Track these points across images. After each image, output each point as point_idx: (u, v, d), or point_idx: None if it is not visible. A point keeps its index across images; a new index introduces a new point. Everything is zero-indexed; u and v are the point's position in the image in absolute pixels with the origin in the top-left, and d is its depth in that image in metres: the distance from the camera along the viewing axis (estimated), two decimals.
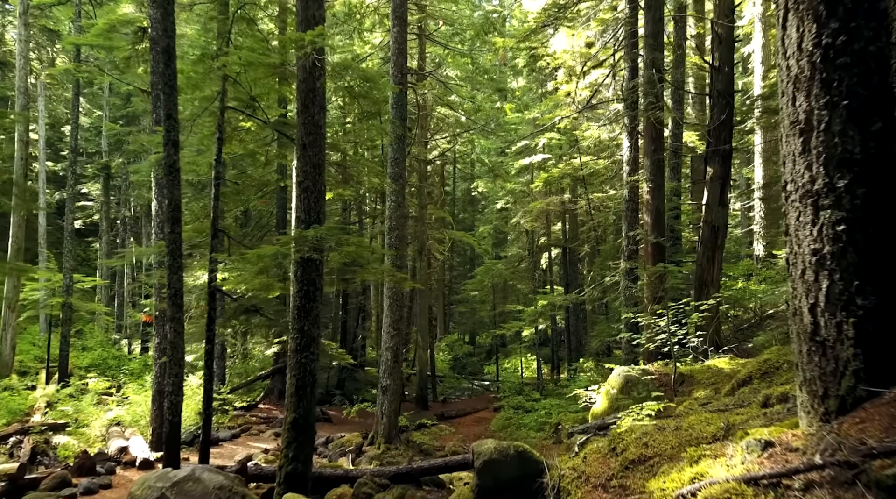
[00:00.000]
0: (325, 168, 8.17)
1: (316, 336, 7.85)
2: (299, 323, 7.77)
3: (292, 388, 7.68)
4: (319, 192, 8.01)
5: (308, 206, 7.91)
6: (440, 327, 35.53)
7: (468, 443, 16.62)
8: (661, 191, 13.54)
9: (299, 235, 7.39)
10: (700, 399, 7.35)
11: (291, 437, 7.54)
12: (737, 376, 6.88)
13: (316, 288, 7.85)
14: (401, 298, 14.95)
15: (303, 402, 7.63)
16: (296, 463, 7.43)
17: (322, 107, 8.12)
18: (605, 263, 21.14)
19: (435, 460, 9.19)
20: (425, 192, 21.06)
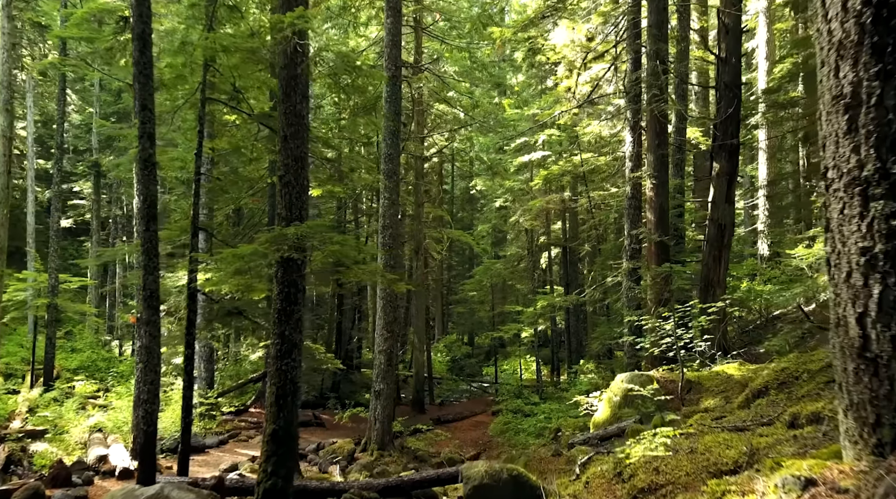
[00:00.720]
0: (309, 162, 7.64)
1: (298, 342, 7.32)
2: (280, 327, 7.24)
3: (272, 397, 7.15)
4: (302, 187, 7.47)
5: (290, 202, 7.37)
6: (438, 328, 35.00)
7: (465, 449, 16.09)
8: (666, 188, 13.01)
9: (278, 233, 6.86)
10: (711, 411, 6.81)
11: (271, 450, 7.01)
12: (751, 385, 6.35)
13: (298, 290, 7.32)
14: (395, 300, 14.42)
15: (283, 412, 7.10)
16: (275, 478, 6.89)
17: (305, 96, 7.59)
18: (606, 263, 20.61)
19: (427, 472, 8.67)
20: (422, 190, 20.52)
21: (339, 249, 7.09)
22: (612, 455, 4.99)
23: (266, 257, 6.86)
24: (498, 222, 29.09)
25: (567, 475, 5.56)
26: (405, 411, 20.13)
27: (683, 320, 9.16)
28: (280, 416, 7.10)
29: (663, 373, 9.09)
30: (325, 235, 7.09)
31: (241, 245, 7.46)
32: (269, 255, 6.78)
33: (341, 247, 7.19)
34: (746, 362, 9.57)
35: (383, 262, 14.31)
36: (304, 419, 18.05)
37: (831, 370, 5.84)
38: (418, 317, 20.62)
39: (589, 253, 23.80)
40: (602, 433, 8.24)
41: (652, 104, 12.41)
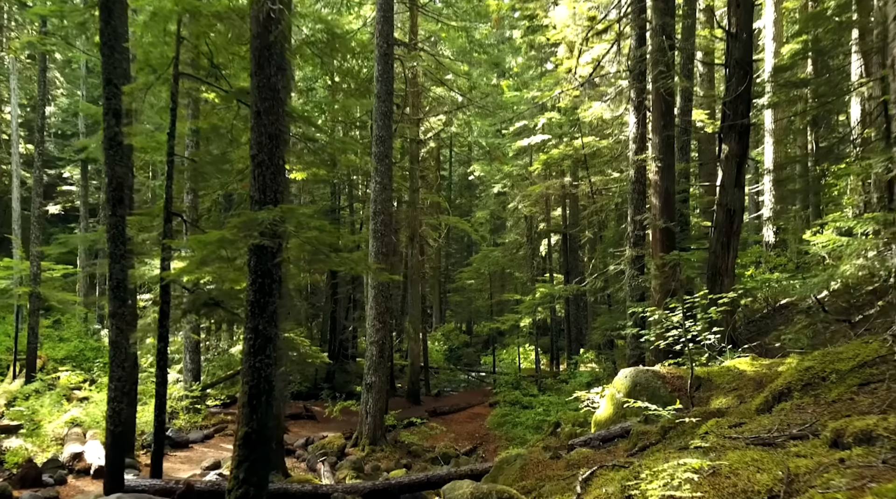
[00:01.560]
0: (290, 142, 6.98)
1: (273, 336, 6.70)
2: (253, 321, 6.62)
3: (245, 397, 6.54)
4: (277, 167, 6.83)
5: (263, 183, 6.73)
6: (436, 316, 34.43)
7: (461, 443, 15.54)
8: (671, 171, 12.34)
9: (248, 217, 6.22)
10: (725, 413, 6.20)
11: (243, 455, 6.41)
12: (771, 387, 5.73)
13: (273, 280, 6.69)
14: (387, 290, 13.81)
15: (257, 414, 6.50)
16: (247, 487, 6.30)
17: (280, 67, 6.92)
18: (607, 251, 19.97)
19: (416, 475, 8.10)
20: (417, 174, 19.85)
21: (316, 236, 6.46)
22: (619, 471, 4.38)
23: (234, 245, 6.23)
24: (496, 209, 28.41)
25: (566, 493, 4.95)
26: (400, 402, 19.59)
27: (691, 311, 8.54)
28: (253, 418, 6.50)
29: (670, 368, 8.48)
30: (302, 219, 6.44)
31: (209, 231, 6.83)
32: (237, 242, 6.14)
33: (319, 233, 6.56)
34: (759, 357, 8.96)
35: (375, 249, 13.69)
36: (295, 412, 17.54)
37: (864, 371, 5.22)
38: (414, 306, 20.01)
39: (590, 240, 23.15)
40: (605, 434, 7.65)
41: (658, 82, 11.71)
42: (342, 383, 22.17)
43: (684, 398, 7.90)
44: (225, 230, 6.29)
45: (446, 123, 23.46)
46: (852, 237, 8.25)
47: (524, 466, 7.08)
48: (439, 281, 33.31)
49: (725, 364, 8.44)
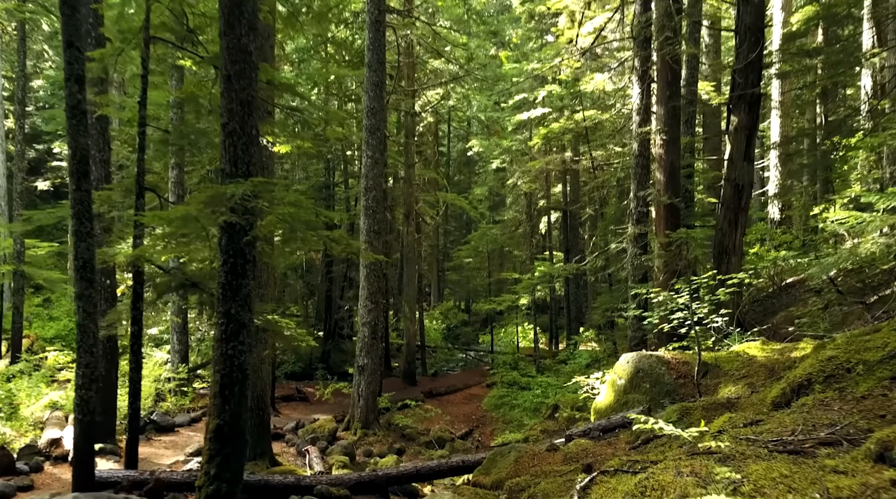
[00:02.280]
0: (270, 112, 6.39)
1: (247, 321, 6.19)
2: (225, 305, 6.10)
3: (216, 387, 6.05)
4: (249, 137, 6.25)
5: (234, 155, 6.15)
6: (434, 295, 33.99)
7: (457, 425, 15.15)
8: (677, 144, 11.74)
9: (215, 191, 5.66)
10: (737, 406, 5.71)
11: (214, 449, 5.93)
12: (789, 377, 5.21)
13: (246, 261, 6.16)
14: (379, 268, 13.29)
15: (230, 405, 6.01)
16: (219, 483, 5.83)
17: (252, 27, 6.30)
18: (608, 228, 19.43)
19: (404, 466, 7.65)
20: (413, 149, 19.20)
21: (293, 212, 5.90)
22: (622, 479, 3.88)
23: (199, 222, 5.68)
24: (495, 185, 27.78)
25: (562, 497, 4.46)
26: (396, 383, 19.19)
27: (695, 292, 8.01)
28: (225, 409, 6.00)
29: (675, 353, 7.98)
30: (277, 194, 5.88)
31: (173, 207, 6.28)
32: (203, 219, 5.59)
33: (296, 209, 6.00)
34: (769, 341, 8.46)
35: (367, 227, 13.15)
36: (287, 394, 17.14)
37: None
38: (410, 285, 19.52)
39: (591, 217, 22.60)
40: (605, 424, 7.17)
41: (664, 49, 11.06)
42: (338, 363, 21.79)
43: (690, 386, 7.42)
44: (189, 206, 5.74)
45: (444, 97, 22.74)
46: (874, 213, 7.69)
47: (518, 458, 6.61)
48: (437, 259, 32.81)
49: (734, 349, 7.94)
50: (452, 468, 7.41)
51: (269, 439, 10.61)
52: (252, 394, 10.42)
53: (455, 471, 7.47)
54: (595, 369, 14.98)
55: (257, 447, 10.33)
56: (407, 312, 19.43)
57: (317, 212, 5.89)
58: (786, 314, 12.30)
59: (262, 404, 10.43)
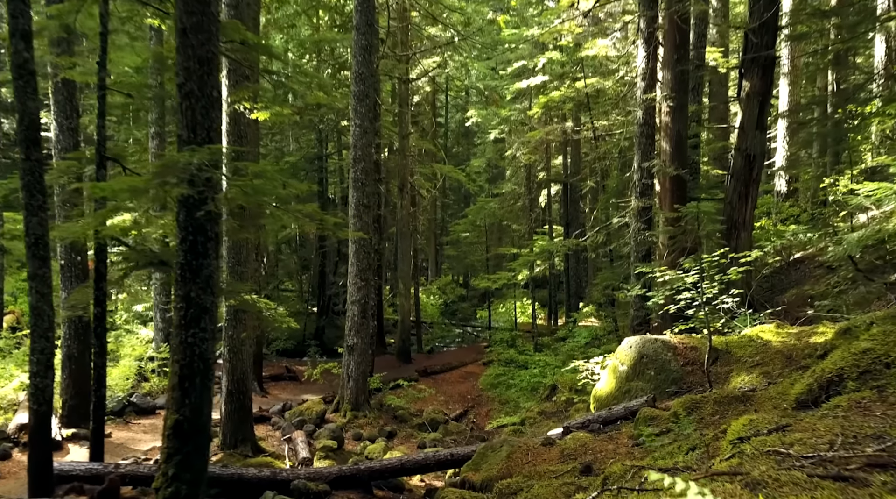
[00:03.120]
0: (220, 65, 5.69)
1: (209, 305, 5.56)
2: (184, 287, 5.47)
3: (175, 378, 5.45)
4: (209, 99, 5.55)
5: (192, 119, 5.46)
6: (432, 270, 33.42)
7: (451, 406, 14.65)
8: (685, 111, 11.01)
9: (167, 161, 5.00)
10: (753, 401, 5.11)
11: (173, 447, 5.35)
12: (815, 371, 4.60)
13: (207, 238, 5.51)
14: (369, 244, 12.65)
15: (190, 398, 5.42)
16: (178, 485, 5.27)
17: None
18: (610, 202, 18.74)
19: (389, 459, 7.11)
20: (407, 118, 18.41)
21: (257, 185, 5.23)
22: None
23: (147, 194, 5.01)
24: (493, 157, 26.96)
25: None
26: (390, 361, 18.69)
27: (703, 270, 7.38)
28: (185, 403, 5.41)
29: (681, 337, 7.38)
30: (238, 163, 5.21)
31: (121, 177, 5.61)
32: (153, 191, 4.93)
33: (262, 181, 5.33)
34: (784, 323, 7.85)
35: (356, 200, 12.48)
36: (276, 373, 16.64)
37: None
38: (404, 260, 18.89)
39: (592, 190, 21.88)
40: (606, 415, 6.60)
41: (672, 6, 10.27)
42: (332, 339, 21.27)
43: (699, 373, 6.83)
44: (141, 177, 5.07)
45: (441, 65, 21.85)
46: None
47: (511, 454, 6.05)
48: (434, 233, 32.15)
49: (746, 333, 7.34)
50: (440, 462, 6.87)
51: (251, 425, 10.09)
52: (232, 377, 9.89)
53: (442, 465, 6.93)
54: (595, 349, 14.44)
55: (238, 433, 9.82)
56: (402, 288, 18.84)
57: (284, 183, 5.21)
58: (797, 292, 11.69)
59: (243, 388, 9.88)
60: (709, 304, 7.03)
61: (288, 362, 18.47)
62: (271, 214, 5.56)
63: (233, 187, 5.43)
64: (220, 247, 8.68)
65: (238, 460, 7.94)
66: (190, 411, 5.43)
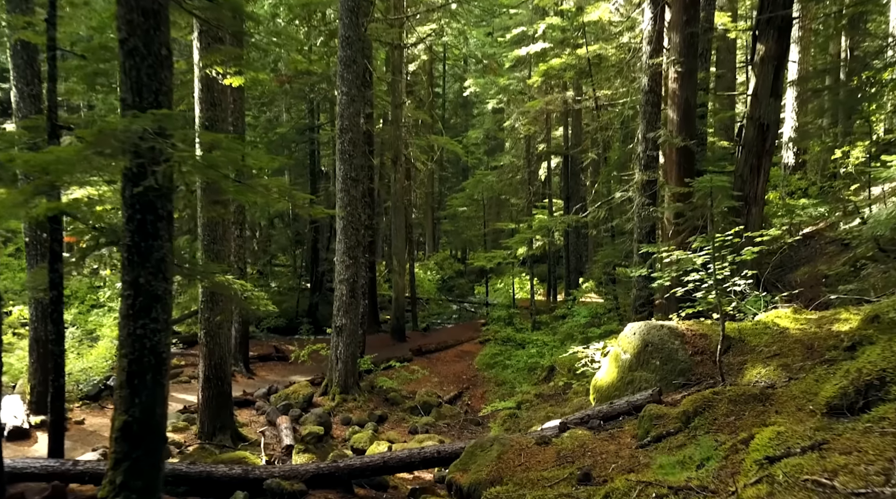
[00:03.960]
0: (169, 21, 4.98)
1: (162, 293, 4.95)
2: (132, 272, 4.84)
3: (122, 374, 4.86)
4: (158, 57, 4.85)
5: (138, 80, 4.78)
6: (429, 245, 32.79)
7: (445, 387, 14.13)
8: (694, 77, 10.25)
9: (104, 127, 4.33)
10: (773, 400, 4.51)
11: (122, 452, 4.78)
12: (848, 369, 3.98)
13: (157, 217, 4.87)
14: (357, 220, 12.00)
15: (140, 396, 4.82)
16: (127, 494, 4.70)
17: None
18: (611, 175, 18.01)
19: (370, 457, 6.55)
20: (400, 87, 17.59)
21: (211, 158, 4.56)
22: None
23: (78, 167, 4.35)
24: (492, 128, 26.12)
25: None
26: (384, 339, 18.17)
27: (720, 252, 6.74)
28: (135, 402, 4.82)
29: (690, 324, 6.77)
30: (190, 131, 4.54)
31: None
32: (88, 162, 4.27)
33: (219, 153, 4.66)
34: (802, 308, 7.23)
35: (343, 173, 11.79)
36: (265, 353, 16.11)
37: None
38: (398, 236, 18.24)
39: (593, 162, 21.12)
40: (607, 410, 6.02)
41: None
42: (325, 317, 20.65)
43: (708, 364, 6.23)
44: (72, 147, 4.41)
45: (437, 32, 20.92)
46: None
47: (502, 454, 5.48)
48: (432, 207, 31.44)
49: (760, 319, 6.73)
50: (426, 460, 6.31)
51: (230, 411, 9.57)
52: (210, 362, 9.34)
53: (428, 463, 6.38)
54: (595, 328, 13.88)
55: (217, 421, 9.30)
56: (396, 265, 18.23)
57: (243, 155, 4.54)
58: (809, 271, 11.06)
59: (222, 374, 9.33)
60: (721, 286, 6.39)
61: (279, 341, 17.93)
62: (234, 190, 4.89)
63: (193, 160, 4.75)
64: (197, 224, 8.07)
65: (209, 454, 7.41)
66: (140, 412, 4.84)
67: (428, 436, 10.44)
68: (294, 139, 21.54)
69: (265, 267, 24.78)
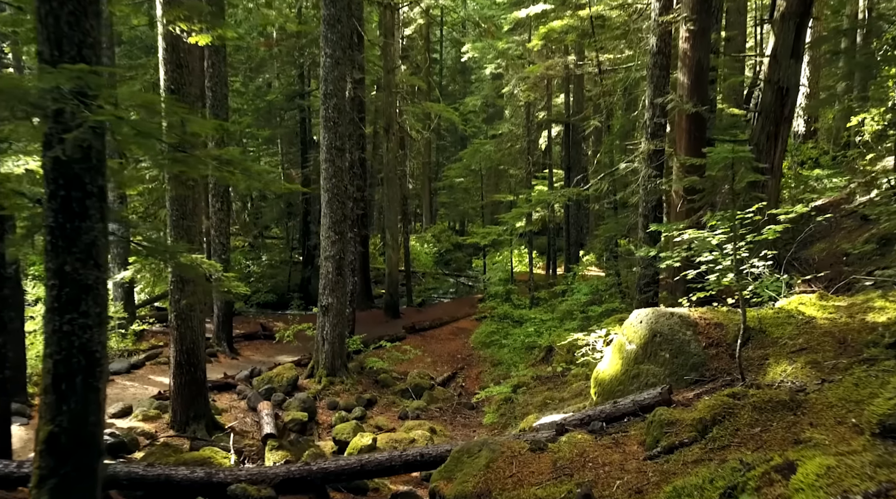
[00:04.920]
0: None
1: (93, 282, 4.23)
2: (56, 259, 4.12)
3: (48, 378, 4.17)
4: (80, 3, 4.06)
5: (56, 30, 4.00)
6: (426, 216, 32.00)
7: (439, 368, 13.54)
8: (707, 36, 9.40)
9: (9, 84, 3.57)
10: (804, 408, 3.83)
11: (47, 468, 4.11)
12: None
13: (87, 194, 4.14)
14: (343, 193, 11.24)
15: (68, 403, 4.14)
16: None
17: None
18: (614, 144, 17.17)
19: (346, 459, 5.92)
20: (392, 51, 16.65)
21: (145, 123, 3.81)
22: None
23: None
24: (490, 95, 25.13)
25: None
26: (377, 316, 17.55)
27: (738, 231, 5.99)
28: (62, 410, 4.14)
29: (703, 312, 6.06)
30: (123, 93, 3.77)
31: None
32: None
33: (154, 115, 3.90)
34: (822, 288, 6.53)
35: (327, 142, 11.00)
36: (251, 331, 15.50)
37: None
38: (391, 209, 17.48)
39: (595, 131, 20.22)
40: (610, 410, 5.36)
41: None
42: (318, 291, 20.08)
43: (724, 358, 5.55)
44: None
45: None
46: None
47: (491, 463, 4.84)
48: (429, 178, 30.58)
49: (782, 305, 6.03)
50: (407, 463, 5.68)
51: (205, 399, 8.95)
52: (181, 347, 8.70)
53: (410, 466, 5.75)
54: (596, 307, 13.22)
55: (190, 410, 8.69)
56: (389, 239, 17.50)
57: (183, 120, 3.78)
58: (826, 248, 10.33)
59: (194, 360, 8.69)
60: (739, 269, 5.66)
61: (267, 317, 17.33)
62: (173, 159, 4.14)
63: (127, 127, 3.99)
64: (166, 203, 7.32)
65: (173, 453, 6.78)
66: (69, 421, 4.15)
67: (418, 422, 9.86)
68: (283, 107, 20.64)
69: (256, 240, 24.08)
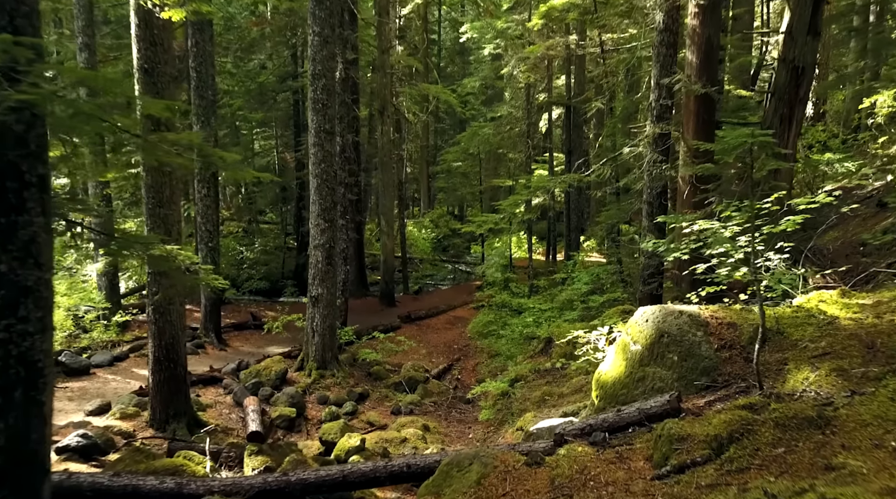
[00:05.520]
0: None
1: (33, 284, 3.76)
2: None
3: None
4: None
5: None
6: (424, 201, 31.46)
7: (434, 359, 13.12)
8: (718, 12, 8.84)
9: None
10: (834, 426, 3.38)
11: None
12: None
13: (25, 184, 3.66)
14: (333, 178, 10.73)
15: (6, 419, 3.67)
16: None
17: None
18: (617, 127, 16.63)
19: (326, 469, 5.48)
20: (386, 31, 16.04)
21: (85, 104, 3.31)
22: None
23: None
24: (489, 76, 24.48)
25: None
26: (372, 304, 17.11)
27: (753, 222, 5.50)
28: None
29: (714, 310, 5.59)
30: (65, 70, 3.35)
31: None
32: None
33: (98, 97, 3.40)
34: (839, 281, 6.06)
35: (316, 125, 10.48)
36: (241, 321, 15.07)
37: None
38: (386, 194, 16.97)
39: (597, 113, 19.65)
40: (613, 419, 4.91)
41: None
42: None
43: (739, 362, 5.09)
44: None
45: None
46: None
47: (483, 479, 4.40)
48: (427, 161, 30.01)
49: (801, 303, 5.56)
50: (393, 475, 5.25)
51: (186, 395, 8.52)
52: (160, 342, 8.23)
53: (396, 478, 5.32)
54: (597, 296, 12.77)
55: (170, 408, 8.26)
56: (384, 225, 17.02)
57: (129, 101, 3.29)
58: (840, 236, 9.85)
59: (174, 355, 8.23)
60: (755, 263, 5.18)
61: (259, 306, 16.89)
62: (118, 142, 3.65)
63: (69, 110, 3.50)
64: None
65: (144, 459, 6.36)
66: (6, 439, 3.69)
67: (411, 419, 9.47)
68: (276, 89, 20.04)
69: (250, 225, 23.59)
